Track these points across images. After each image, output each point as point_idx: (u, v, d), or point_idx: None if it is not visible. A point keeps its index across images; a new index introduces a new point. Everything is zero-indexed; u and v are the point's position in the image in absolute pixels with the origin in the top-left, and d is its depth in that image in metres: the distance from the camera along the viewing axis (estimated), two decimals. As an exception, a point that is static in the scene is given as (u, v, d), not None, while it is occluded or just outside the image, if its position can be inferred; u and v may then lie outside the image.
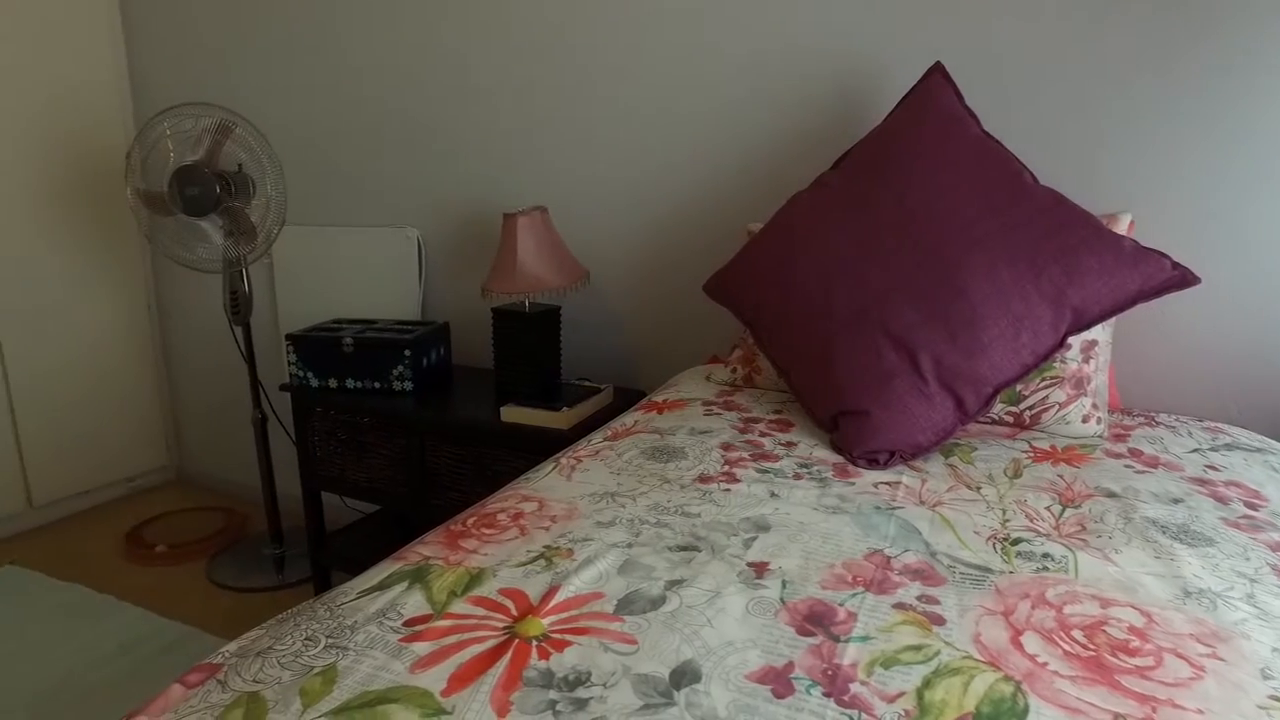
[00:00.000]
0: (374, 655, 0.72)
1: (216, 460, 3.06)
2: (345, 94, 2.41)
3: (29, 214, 2.62)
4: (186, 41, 2.70)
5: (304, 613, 0.81)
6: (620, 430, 1.39)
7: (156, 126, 2.14)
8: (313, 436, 2.10)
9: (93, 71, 2.74)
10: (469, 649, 0.73)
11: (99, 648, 2.03)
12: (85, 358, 2.82)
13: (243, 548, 2.56)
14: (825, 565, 0.91)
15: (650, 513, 1.04)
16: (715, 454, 1.26)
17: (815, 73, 1.78)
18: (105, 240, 2.84)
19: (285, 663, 0.72)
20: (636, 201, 2.04)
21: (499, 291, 1.87)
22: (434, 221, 2.33)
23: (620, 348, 2.14)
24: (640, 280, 2.08)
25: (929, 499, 1.11)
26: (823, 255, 1.44)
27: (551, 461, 1.25)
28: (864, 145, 1.53)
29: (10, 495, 2.65)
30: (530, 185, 2.16)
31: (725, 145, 1.91)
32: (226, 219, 2.17)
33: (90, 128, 2.75)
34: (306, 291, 2.53)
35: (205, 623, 2.15)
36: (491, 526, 1.00)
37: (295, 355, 2.04)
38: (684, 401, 1.55)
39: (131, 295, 2.94)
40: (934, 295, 1.30)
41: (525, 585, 0.85)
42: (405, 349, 1.95)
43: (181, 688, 0.70)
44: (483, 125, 2.20)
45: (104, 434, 2.89)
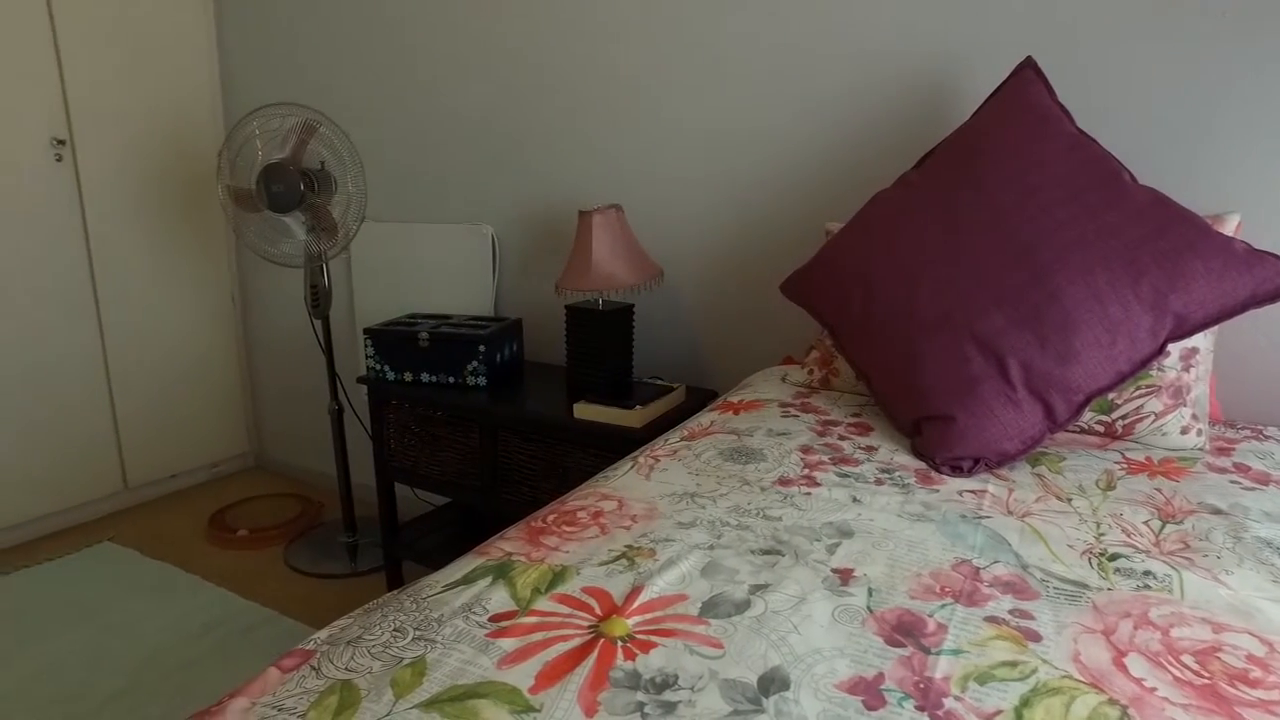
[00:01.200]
0: (461, 649, 0.73)
1: (293, 448, 3.15)
2: (423, 93, 2.46)
3: (128, 211, 2.74)
4: (274, 46, 2.79)
5: (390, 604, 0.83)
6: (697, 430, 1.38)
7: (246, 126, 2.22)
8: (387, 429, 2.15)
9: (188, 77, 2.86)
10: (555, 647, 0.73)
11: (186, 625, 2.12)
12: (175, 348, 2.94)
13: (318, 535, 2.63)
14: (912, 574, 0.89)
15: (731, 515, 1.03)
16: (794, 456, 1.24)
17: (898, 69, 1.74)
18: (194, 235, 2.95)
19: (375, 652, 0.73)
20: (711, 199, 2.02)
21: (573, 289, 1.88)
22: (508, 218, 2.36)
23: (692, 346, 2.13)
24: (713, 279, 2.06)
25: (1017, 509, 1.07)
26: (906, 256, 1.40)
27: (629, 460, 1.24)
28: (949, 143, 1.49)
29: (109, 476, 2.79)
30: (605, 183, 2.17)
31: (804, 143, 1.88)
32: (309, 215, 2.23)
33: (184, 129, 2.87)
34: (383, 286, 2.58)
35: (283, 606, 2.22)
36: (572, 524, 1.00)
37: (373, 349, 2.09)
38: (760, 403, 1.53)
39: (217, 288, 3.05)
40: (1024, 299, 1.25)
41: (608, 584, 0.85)
42: (479, 344, 1.98)
43: (278, 671, 0.72)
44: (558, 123, 2.22)
45: (190, 421, 3.01)
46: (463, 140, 2.41)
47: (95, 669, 1.93)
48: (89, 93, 2.59)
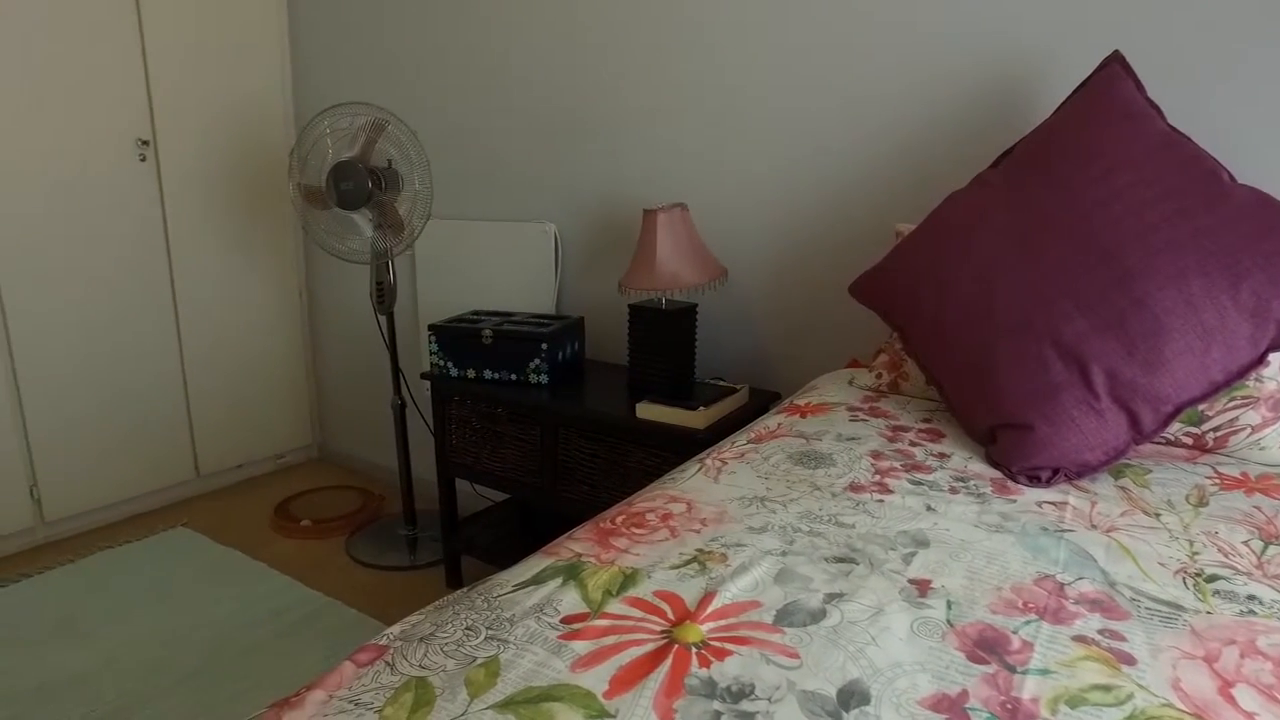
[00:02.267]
0: (534, 651, 0.72)
1: (355, 441, 3.22)
2: (488, 91, 2.48)
3: (203, 209, 2.83)
4: (342, 45, 2.85)
5: (461, 602, 0.83)
6: (764, 433, 1.36)
7: (318, 125, 2.26)
8: (449, 424, 2.17)
9: (262, 78, 2.93)
10: (628, 651, 0.72)
11: (253, 610, 2.18)
12: (244, 341, 3.02)
13: (379, 527, 2.68)
14: (992, 587, 0.86)
15: (802, 520, 1.01)
16: (865, 462, 1.21)
17: (972, 65, 1.69)
18: (264, 232, 3.03)
19: (448, 651, 0.73)
20: (777, 199, 1.99)
21: (636, 288, 1.87)
22: (571, 216, 2.37)
23: (754, 347, 2.11)
24: (778, 279, 2.03)
25: (1101, 523, 1.03)
26: (983, 258, 1.36)
27: (696, 462, 1.23)
28: (1029, 142, 1.44)
29: (183, 464, 2.88)
30: (669, 181, 2.15)
31: (873, 142, 1.84)
32: (376, 212, 2.27)
33: (256, 129, 2.94)
34: (446, 283, 2.62)
35: (344, 595, 2.27)
36: (641, 526, 0.99)
37: (436, 345, 2.11)
38: (827, 406, 1.50)
39: (285, 284, 3.13)
40: (1109, 304, 1.20)
41: (680, 589, 0.83)
42: (542, 342, 1.99)
43: (353, 665, 0.73)
44: (622, 121, 2.21)
45: (258, 412, 3.10)
46: (527, 138, 2.42)
47: (172, 647, 2.00)
48: (171, 95, 2.68)
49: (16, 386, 2.44)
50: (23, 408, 2.46)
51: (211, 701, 1.80)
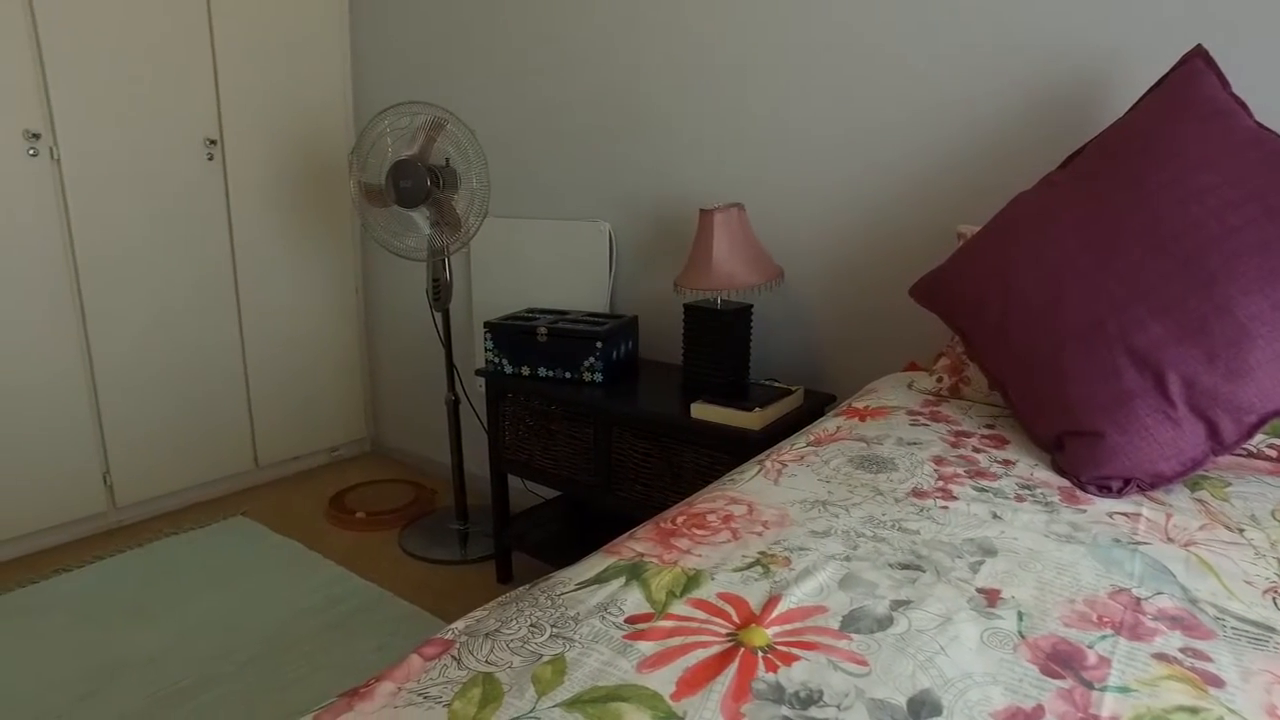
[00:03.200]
0: (600, 650, 0.72)
1: (408, 436, 3.27)
2: (545, 90, 2.49)
3: (265, 206, 2.90)
4: (401, 45, 2.89)
5: (524, 599, 0.83)
6: (823, 436, 1.34)
7: (378, 124, 2.30)
8: (503, 421, 2.19)
9: (323, 78, 3.00)
10: (694, 653, 0.72)
11: (309, 599, 2.22)
12: (303, 336, 3.09)
13: (431, 521, 2.72)
14: (1064, 599, 0.83)
15: (865, 525, 0.99)
16: (927, 467, 1.19)
17: (1040, 64, 1.65)
18: (323, 229, 3.10)
19: (514, 647, 0.74)
20: (835, 198, 1.97)
21: (692, 288, 1.87)
22: (625, 215, 2.37)
23: (809, 349, 2.08)
24: (834, 280, 2.01)
25: (1178, 537, 0.99)
26: (1051, 261, 1.32)
27: (755, 464, 1.22)
28: (1102, 141, 1.39)
29: (243, 455, 2.96)
30: (725, 181, 2.14)
31: (933, 143, 1.80)
32: (434, 210, 2.30)
33: (317, 128, 3.01)
34: (500, 280, 2.64)
35: (397, 587, 2.30)
36: (702, 527, 0.99)
37: (492, 342, 2.13)
38: (886, 409, 1.48)
39: (342, 280, 3.19)
40: (1188, 309, 1.16)
41: (744, 592, 0.83)
42: (597, 340, 1.99)
43: (419, 658, 0.73)
44: (679, 120, 2.21)
45: (314, 406, 3.17)
46: (582, 136, 2.43)
47: (234, 633, 2.05)
48: (237, 95, 2.75)
49: (93, 379, 2.54)
50: (98, 399, 2.56)
51: (270, 687, 1.84)
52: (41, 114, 2.34)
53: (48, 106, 2.34)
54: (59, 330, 2.45)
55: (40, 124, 2.34)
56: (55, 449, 2.49)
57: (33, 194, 2.36)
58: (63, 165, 2.39)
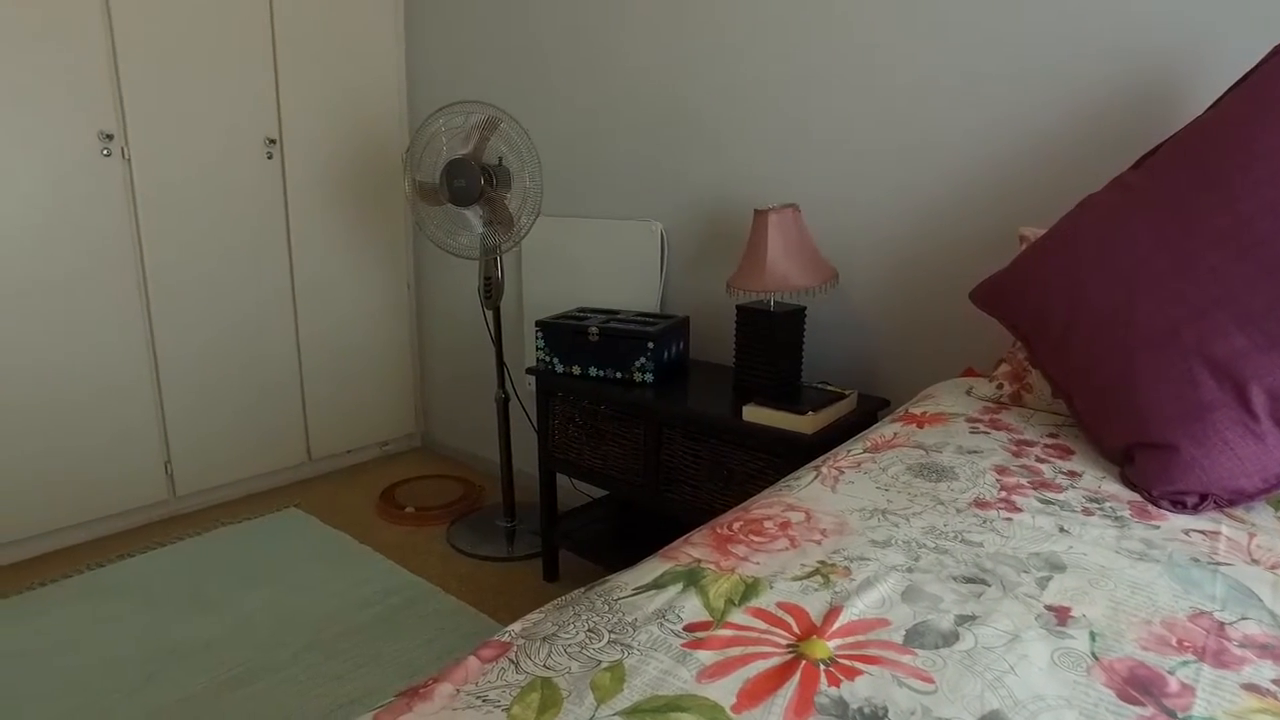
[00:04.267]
0: (658, 658, 0.71)
1: (456, 432, 3.30)
2: (598, 89, 2.49)
3: (321, 205, 2.95)
4: (455, 45, 2.92)
5: (581, 603, 0.83)
6: (880, 442, 1.31)
7: (433, 123, 2.32)
8: (552, 419, 2.19)
9: (378, 78, 3.04)
10: (754, 664, 0.71)
11: (359, 591, 2.26)
12: (354, 332, 3.14)
13: (478, 517, 2.74)
14: (1140, 621, 0.80)
15: (927, 536, 0.97)
16: (989, 477, 1.16)
17: (1109, 59, 1.59)
18: (376, 227, 3.14)
19: (572, 652, 0.73)
20: (892, 200, 1.93)
21: (745, 288, 1.85)
22: (677, 215, 2.36)
23: (862, 352, 2.05)
24: (889, 283, 1.97)
25: (1263, 558, 0.94)
26: (1124, 265, 1.27)
27: (811, 470, 1.20)
28: (1179, 141, 1.34)
29: (296, 448, 3.02)
30: (779, 181, 2.12)
31: (997, 143, 1.76)
32: (487, 209, 2.31)
33: (371, 127, 3.05)
34: (550, 279, 2.65)
35: (445, 583, 2.33)
36: (759, 534, 0.97)
37: (543, 341, 2.14)
38: (945, 416, 1.44)
39: (395, 277, 3.24)
40: (1275, 318, 1.11)
41: (804, 602, 0.81)
42: (648, 341, 1.98)
43: (477, 660, 0.73)
44: (732, 120, 2.19)
45: (365, 401, 3.22)
46: (636, 136, 2.42)
47: (287, 623, 2.09)
48: (296, 95, 2.80)
49: (156, 371, 2.61)
50: (161, 391, 2.63)
51: (322, 677, 1.87)
52: (115, 115, 2.41)
53: (120, 108, 2.42)
54: (127, 325, 2.53)
55: (113, 125, 2.42)
56: (122, 439, 2.57)
57: (106, 193, 2.43)
58: (133, 165, 2.47)
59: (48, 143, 2.31)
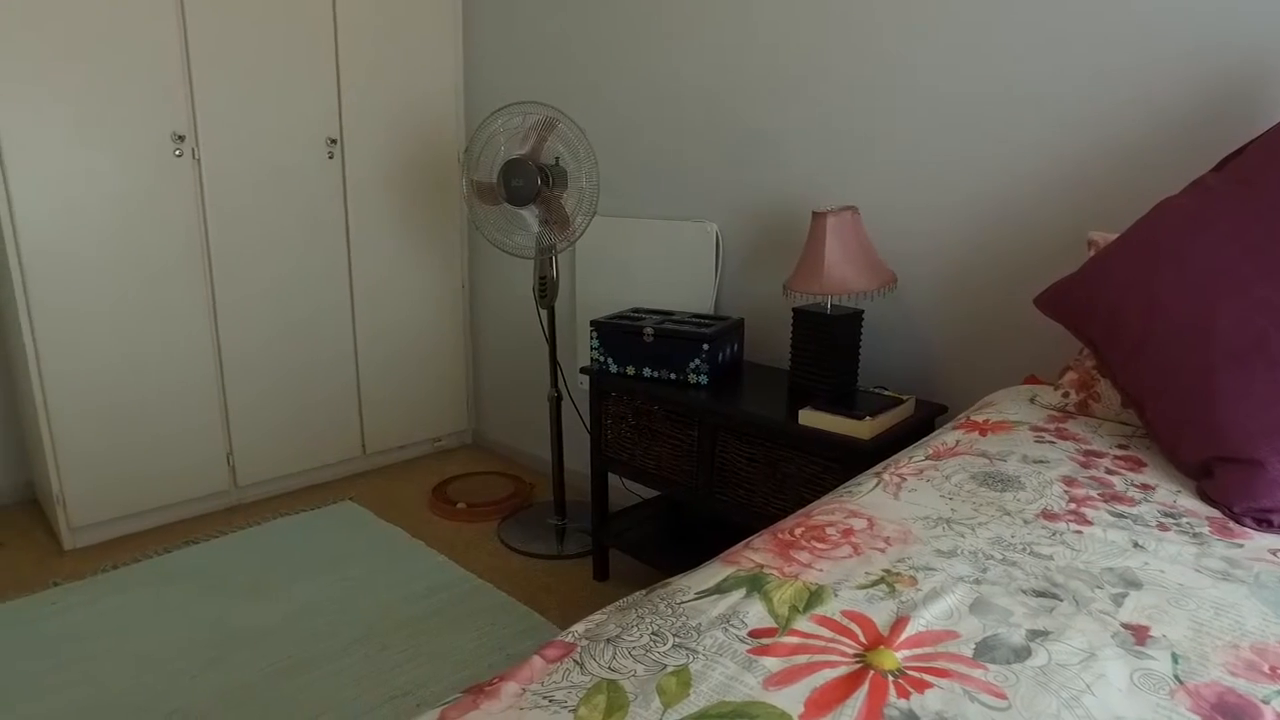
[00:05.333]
0: (724, 664, 0.71)
1: (507, 429, 3.33)
2: (654, 90, 2.49)
3: (379, 203, 3.00)
4: (512, 45, 2.94)
5: (644, 605, 0.82)
6: (942, 449, 1.29)
7: (491, 123, 2.35)
8: (605, 419, 2.20)
9: (436, 79, 3.08)
10: (821, 673, 0.70)
11: (411, 585, 2.29)
12: (409, 329, 3.19)
13: (529, 515, 2.76)
14: (1226, 644, 0.77)
15: (994, 547, 0.95)
16: (1056, 488, 1.13)
17: (1188, 57, 1.53)
18: (432, 226, 3.19)
19: (637, 655, 0.73)
20: (954, 203, 1.89)
21: (802, 291, 1.83)
22: (733, 216, 2.34)
23: (920, 357, 2.01)
24: (949, 287, 1.93)
25: (1355, 580, 0.90)
26: (1204, 272, 1.23)
27: (872, 476, 1.18)
28: (1269, 142, 1.29)
29: (351, 442, 3.08)
30: (837, 182, 2.09)
31: (1064, 144, 1.71)
32: (543, 208, 2.33)
33: (428, 128, 3.10)
34: (604, 279, 2.66)
35: (495, 579, 2.35)
36: (822, 540, 0.96)
37: (597, 341, 2.15)
38: (1008, 424, 1.41)
39: (449, 275, 3.28)
40: (1366, 328, 1.06)
41: (870, 611, 0.80)
42: (703, 342, 1.98)
43: (542, 660, 0.74)
44: (791, 122, 2.17)
45: (418, 397, 3.26)
46: (691, 137, 2.42)
47: (341, 614, 2.14)
48: (356, 96, 2.86)
49: (220, 365, 2.69)
50: (224, 384, 2.71)
51: (374, 669, 1.90)
52: (187, 117, 2.49)
53: (192, 109, 2.49)
54: (195, 320, 2.61)
55: (185, 127, 2.49)
56: (188, 431, 2.65)
57: (177, 192, 2.51)
58: (202, 165, 2.54)
59: (126, 144, 2.39)
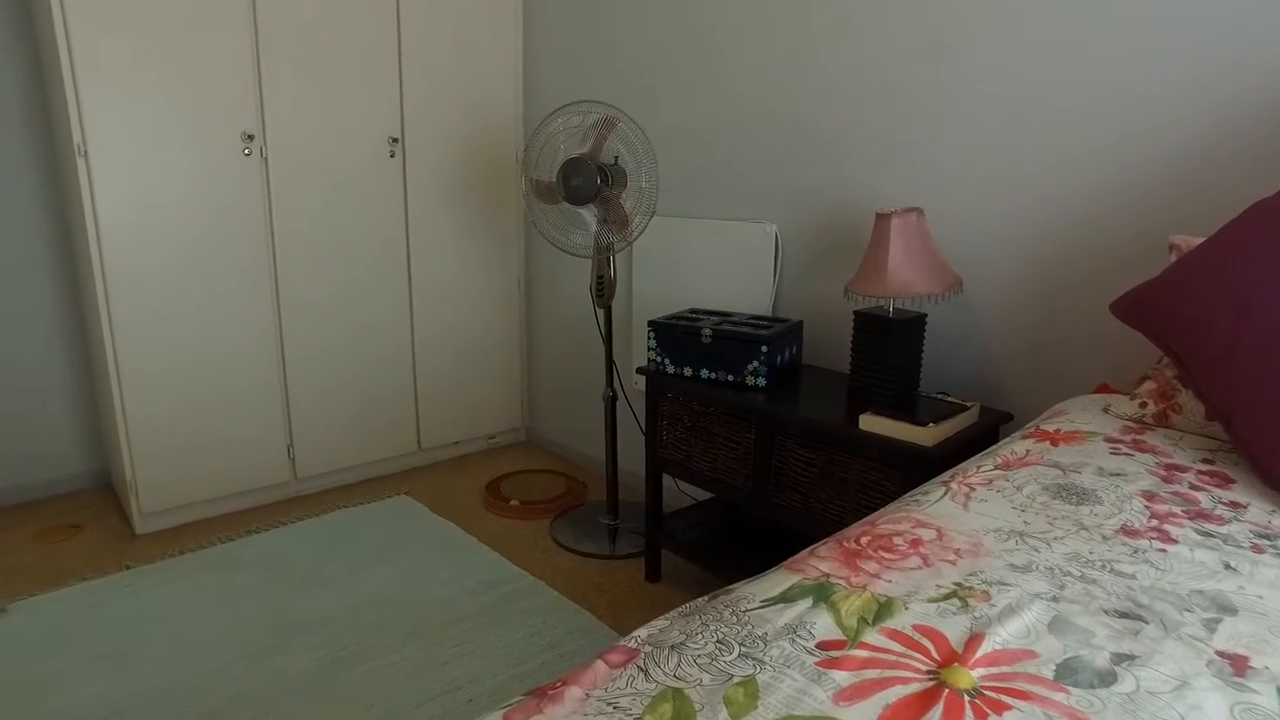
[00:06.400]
0: (792, 676, 0.69)
1: (560, 428, 3.34)
2: (713, 90, 2.47)
3: (437, 201, 3.04)
4: (571, 46, 2.95)
5: (708, 612, 0.81)
6: (1012, 459, 1.25)
7: (552, 122, 2.35)
8: (661, 420, 2.19)
9: (496, 79, 3.11)
10: (893, 689, 0.67)
11: (465, 581, 2.31)
12: (466, 326, 3.22)
13: (581, 514, 2.76)
14: (1332, 678, 0.72)
15: (1071, 563, 0.91)
16: (1136, 503, 1.08)
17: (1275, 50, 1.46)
18: (490, 224, 3.21)
19: (702, 664, 0.71)
20: (1024, 204, 1.83)
21: (864, 293, 1.79)
22: (793, 217, 2.31)
23: (984, 363, 1.96)
24: (1017, 292, 1.87)
25: None
26: (1299, 278, 1.16)
27: (940, 485, 1.15)
28: (1369, 143, 1.21)
29: (407, 437, 3.13)
30: (901, 183, 2.05)
31: (1143, 145, 1.64)
32: (602, 208, 2.33)
33: (488, 128, 3.12)
34: (661, 279, 2.64)
35: (547, 577, 2.35)
36: (889, 550, 0.93)
37: (655, 341, 2.14)
38: (1081, 434, 1.36)
39: (506, 273, 3.30)
40: None
41: (942, 626, 0.77)
42: (762, 345, 1.95)
43: (605, 665, 0.73)
44: (851, 119, 2.13)
45: (473, 394, 3.30)
46: (751, 136, 2.39)
47: (396, 605, 2.17)
48: (417, 96, 2.90)
49: (283, 358, 2.75)
50: (286, 376, 2.77)
51: (429, 662, 1.92)
52: (256, 117, 2.55)
53: (261, 109, 2.56)
54: (260, 317, 2.68)
55: (254, 126, 2.56)
56: (251, 423, 2.72)
57: (245, 191, 2.58)
58: (269, 164, 2.60)
59: (199, 143, 2.46)
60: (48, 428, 2.87)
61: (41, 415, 2.85)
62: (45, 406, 2.85)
